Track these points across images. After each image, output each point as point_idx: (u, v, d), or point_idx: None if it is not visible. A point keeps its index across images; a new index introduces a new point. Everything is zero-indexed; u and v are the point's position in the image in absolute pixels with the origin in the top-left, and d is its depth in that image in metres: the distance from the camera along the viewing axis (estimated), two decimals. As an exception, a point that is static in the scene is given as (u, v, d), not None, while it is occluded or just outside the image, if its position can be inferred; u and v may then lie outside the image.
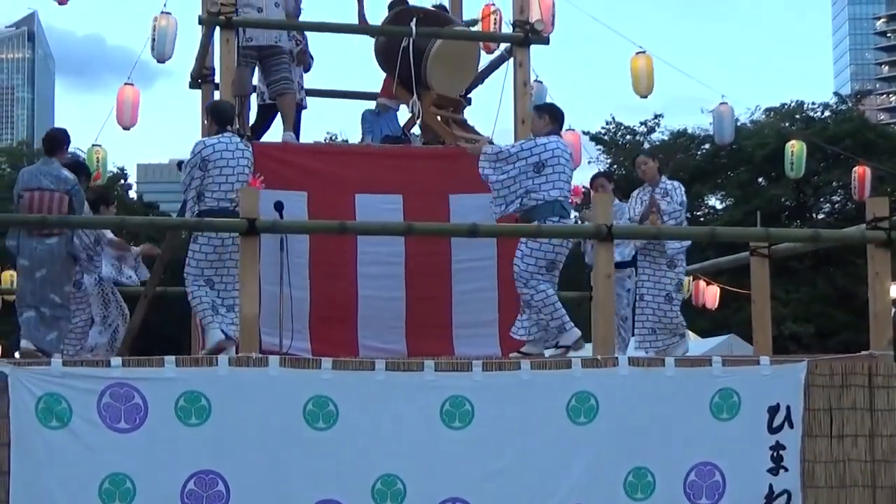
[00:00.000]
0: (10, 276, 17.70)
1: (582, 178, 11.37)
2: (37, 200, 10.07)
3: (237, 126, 11.00)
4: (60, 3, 12.02)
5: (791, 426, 8.93)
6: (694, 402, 8.81)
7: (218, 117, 10.02)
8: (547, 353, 9.77)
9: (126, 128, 13.50)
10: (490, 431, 8.41)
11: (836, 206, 45.03)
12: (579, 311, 11.85)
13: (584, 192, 14.98)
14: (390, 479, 8.22)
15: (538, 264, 9.64)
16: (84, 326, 11.63)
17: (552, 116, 10.10)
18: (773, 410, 8.91)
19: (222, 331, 9.56)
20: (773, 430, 8.91)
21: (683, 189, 11.46)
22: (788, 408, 8.93)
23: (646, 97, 14.00)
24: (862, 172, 21.28)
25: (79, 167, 10.87)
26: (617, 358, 8.84)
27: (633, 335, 11.75)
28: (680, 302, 11.34)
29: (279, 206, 9.61)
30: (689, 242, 11.36)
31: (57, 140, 10.50)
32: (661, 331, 11.21)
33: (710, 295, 20.82)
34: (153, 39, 12.90)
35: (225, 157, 9.69)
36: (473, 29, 12.95)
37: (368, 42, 12.30)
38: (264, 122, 12.19)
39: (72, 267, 10.43)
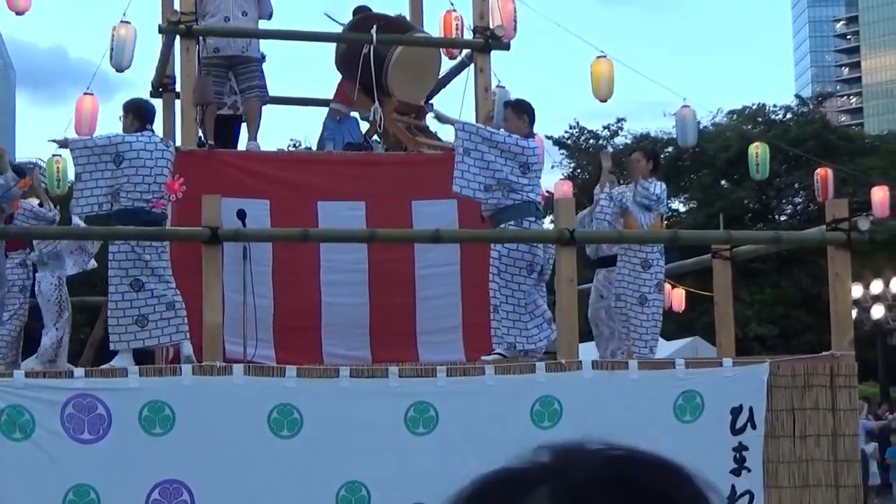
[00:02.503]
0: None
1: (545, 183, 11.33)
2: None
3: (198, 134, 10.99)
4: (18, 14, 11.92)
5: (754, 427, 8.98)
6: (658, 404, 8.86)
7: (139, 114, 9.83)
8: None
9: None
10: (454, 437, 8.43)
11: (799, 207, 45.31)
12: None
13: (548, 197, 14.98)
14: (355, 486, 8.23)
15: (517, 265, 9.63)
16: (18, 336, 11.52)
17: (531, 118, 10.11)
18: (736, 412, 8.96)
19: (142, 347, 9.42)
20: (735, 432, 8.96)
21: (662, 187, 11.26)
22: (751, 409, 8.98)
23: (605, 101, 14.02)
24: (824, 174, 21.38)
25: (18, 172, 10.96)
26: (580, 361, 8.88)
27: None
28: (658, 306, 10.95)
29: (241, 215, 9.61)
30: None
31: None
32: (633, 334, 10.92)
33: (677, 298, 20.87)
34: (112, 49, 12.85)
35: (143, 157, 9.44)
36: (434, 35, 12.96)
37: (331, 48, 12.30)
38: (227, 133, 12.14)
39: (3, 274, 10.38)
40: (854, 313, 10.42)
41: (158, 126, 12.86)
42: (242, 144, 11.96)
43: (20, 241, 10.67)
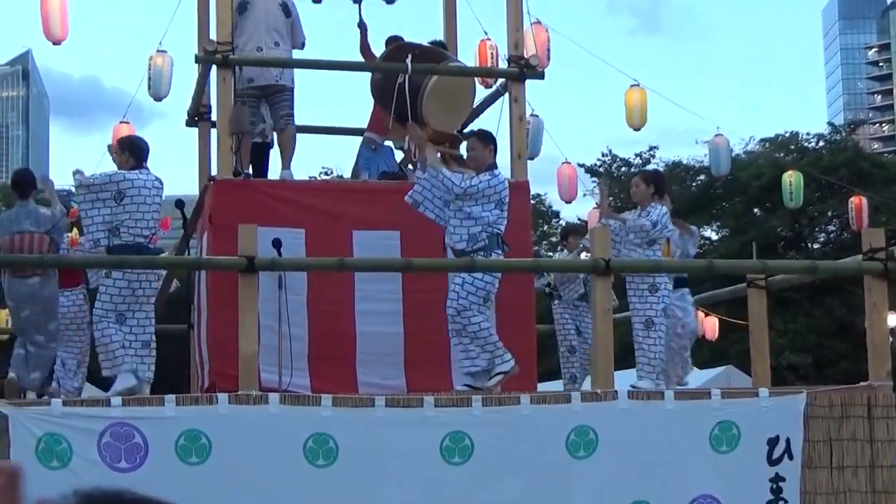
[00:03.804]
0: (4, 314, 17.74)
1: (578, 211, 11.38)
2: (17, 242, 10.29)
3: (233, 163, 11.04)
4: (55, 43, 12.04)
5: (791, 458, 8.93)
6: (693, 434, 8.82)
7: (134, 152, 9.99)
8: (490, 382, 9.65)
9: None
10: (490, 467, 8.42)
11: (832, 235, 45.08)
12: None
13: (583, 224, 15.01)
14: (391, 516, 8.23)
15: (478, 294, 9.55)
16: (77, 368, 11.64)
17: (495, 148, 10.14)
18: (773, 442, 8.91)
19: (134, 374, 9.54)
20: (772, 462, 8.91)
21: (665, 213, 11.05)
22: (788, 439, 8.93)
23: (638, 130, 14.08)
24: (858, 202, 21.35)
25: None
26: (616, 391, 8.85)
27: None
28: (663, 330, 10.79)
29: (277, 244, 9.63)
30: None
31: (26, 182, 10.71)
32: (642, 359, 10.74)
33: (710, 326, 20.84)
34: (149, 78, 12.97)
35: (143, 194, 9.64)
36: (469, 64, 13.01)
37: (364, 78, 12.35)
38: (256, 161, 12.20)
39: (55, 305, 10.46)
40: (891, 342, 10.33)
41: (194, 155, 13.04)
42: (272, 172, 12.01)
43: (75, 276, 10.72)
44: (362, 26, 12.51)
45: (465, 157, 12.23)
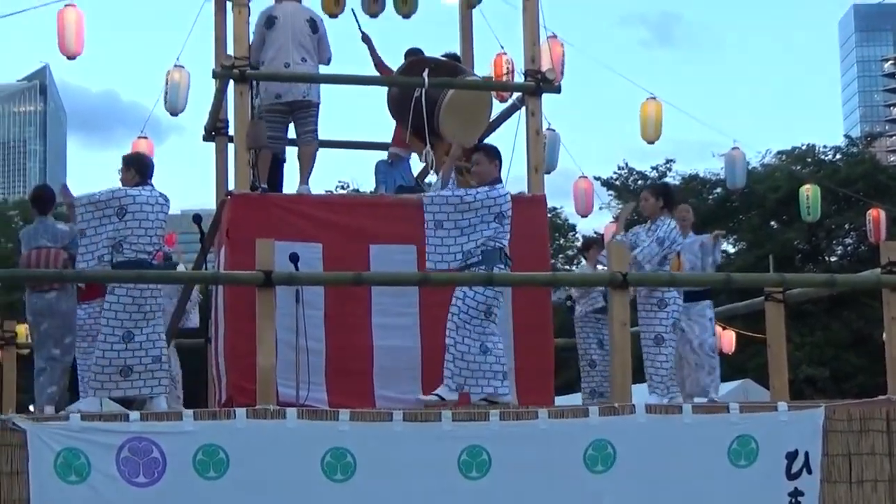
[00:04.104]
0: (24, 329, 17.86)
1: (594, 224, 11.40)
2: (34, 258, 10.39)
3: (250, 177, 11.06)
4: (70, 58, 12.11)
5: (809, 472, 8.91)
6: (712, 448, 8.80)
7: (140, 168, 10.02)
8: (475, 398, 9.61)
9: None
10: (508, 481, 8.41)
11: (850, 248, 44.94)
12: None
13: (599, 237, 14.99)
14: (408, 530, 8.23)
15: (479, 308, 9.53)
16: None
17: (501, 163, 10.10)
18: (792, 456, 8.89)
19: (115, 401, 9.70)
20: (791, 477, 8.88)
21: (673, 227, 11.09)
22: (807, 453, 8.91)
23: (653, 143, 14.07)
24: (876, 215, 21.29)
25: None
26: (634, 405, 8.84)
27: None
28: (674, 346, 10.88)
29: (294, 258, 9.64)
30: None
31: (45, 198, 10.77)
32: (655, 376, 10.81)
33: (727, 340, 20.78)
34: (166, 93, 13.02)
35: (145, 210, 9.66)
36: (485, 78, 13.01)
37: (380, 92, 12.37)
38: (271, 175, 12.22)
39: (72, 319, 10.50)
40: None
41: (211, 169, 13.07)
42: (287, 187, 12.03)
43: (95, 289, 10.80)
44: (366, 39, 12.51)
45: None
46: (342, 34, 12.07)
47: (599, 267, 12.45)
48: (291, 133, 11.86)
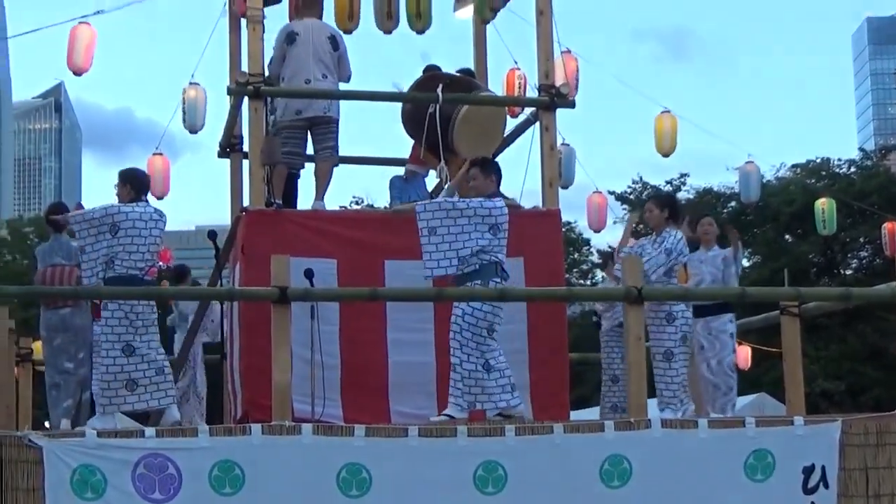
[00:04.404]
0: (40, 346, 17.94)
1: (608, 238, 11.40)
2: (49, 275, 10.63)
3: (265, 193, 11.09)
4: (77, 74, 12.16)
5: (826, 486, 8.89)
6: (728, 463, 8.79)
7: (135, 184, 10.09)
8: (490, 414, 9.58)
9: (159, 197, 13.62)
10: (523, 496, 8.40)
11: (865, 261, 44.79)
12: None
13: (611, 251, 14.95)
14: (424, 546, 8.22)
15: (479, 325, 9.50)
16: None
17: (498, 178, 10.11)
18: (808, 471, 8.87)
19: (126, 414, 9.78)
20: (808, 491, 8.86)
21: (680, 239, 10.93)
22: (823, 468, 8.89)
23: (668, 156, 14.06)
24: (891, 228, 21.27)
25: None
26: (649, 420, 8.83)
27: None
28: (683, 361, 10.73)
29: (309, 274, 9.64)
30: None
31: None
32: (666, 392, 10.65)
33: (742, 355, 20.73)
34: (183, 111, 13.06)
35: (138, 227, 9.70)
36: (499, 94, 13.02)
37: (394, 108, 12.39)
38: (287, 191, 12.24)
39: (86, 335, 10.55)
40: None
41: (226, 186, 13.10)
42: (302, 202, 12.05)
43: None
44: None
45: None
46: (356, 49, 12.07)
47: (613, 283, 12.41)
48: (309, 149, 11.87)
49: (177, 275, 13.46)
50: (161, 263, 9.76)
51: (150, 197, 10.44)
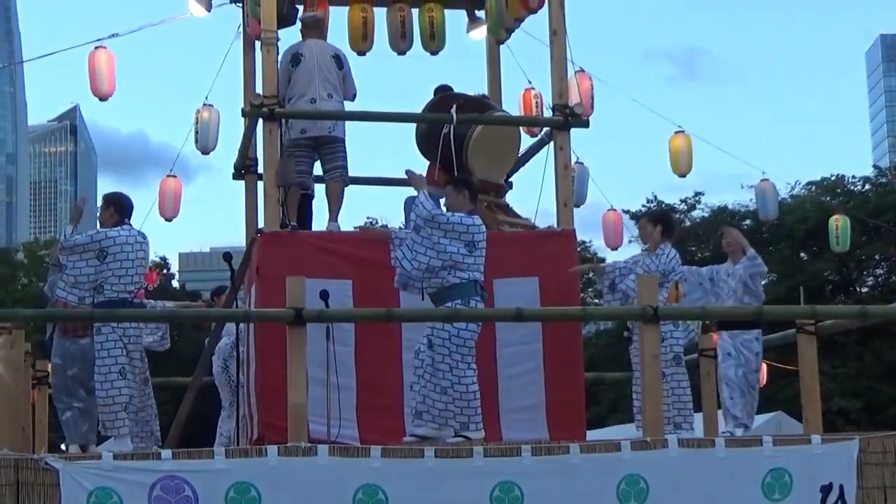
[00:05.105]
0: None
1: (624, 257, 11.33)
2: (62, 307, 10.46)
3: (280, 215, 11.10)
4: (101, 99, 12.17)
5: (844, 505, 8.85)
6: (745, 482, 8.76)
7: (118, 208, 10.28)
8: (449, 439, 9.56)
9: (168, 219, 13.63)
10: (540, 517, 8.37)
11: (881, 279, 44.71)
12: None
13: None
14: (441, 567, 8.20)
15: (466, 345, 9.54)
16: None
17: (472, 195, 10.12)
18: (826, 490, 8.83)
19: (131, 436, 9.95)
20: (826, 510, 8.82)
21: (674, 256, 10.87)
22: (842, 487, 8.85)
23: (684, 176, 14.01)
24: (906, 246, 21.20)
25: None
26: (666, 439, 8.80)
27: None
28: (678, 380, 10.62)
29: (324, 295, 9.64)
30: None
31: None
32: (671, 396, 10.51)
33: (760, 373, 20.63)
34: (196, 132, 13.08)
35: (125, 251, 9.93)
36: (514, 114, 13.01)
37: (408, 128, 12.40)
38: (302, 213, 12.24)
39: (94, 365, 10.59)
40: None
41: (241, 208, 13.12)
42: (317, 224, 12.06)
43: None
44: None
45: (510, 206, 12.27)
46: (369, 71, 12.10)
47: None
48: (318, 170, 11.89)
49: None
50: (148, 284, 9.89)
51: (158, 218, 10.53)
